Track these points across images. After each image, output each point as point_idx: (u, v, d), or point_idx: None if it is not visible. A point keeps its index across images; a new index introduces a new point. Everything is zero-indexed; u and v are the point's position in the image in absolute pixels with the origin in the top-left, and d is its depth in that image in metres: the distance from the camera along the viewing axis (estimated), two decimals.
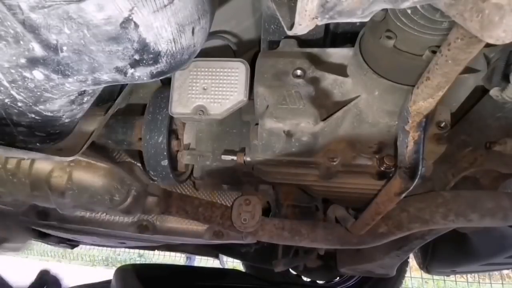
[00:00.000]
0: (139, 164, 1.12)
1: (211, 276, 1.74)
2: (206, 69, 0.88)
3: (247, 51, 1.00)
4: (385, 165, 0.80)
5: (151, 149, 0.94)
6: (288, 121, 0.80)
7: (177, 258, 4.28)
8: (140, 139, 0.95)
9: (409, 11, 0.58)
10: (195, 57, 0.68)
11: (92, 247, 4.16)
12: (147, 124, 0.94)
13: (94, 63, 0.53)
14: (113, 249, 4.78)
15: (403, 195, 0.73)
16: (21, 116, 0.59)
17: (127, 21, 0.48)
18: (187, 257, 4.13)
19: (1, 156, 0.90)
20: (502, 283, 3.48)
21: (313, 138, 0.81)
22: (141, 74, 0.57)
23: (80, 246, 1.90)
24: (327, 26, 0.86)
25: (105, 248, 4.56)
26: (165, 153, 0.94)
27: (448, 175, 0.99)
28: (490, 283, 3.54)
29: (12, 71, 0.52)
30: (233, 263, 3.82)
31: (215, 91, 0.87)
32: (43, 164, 0.91)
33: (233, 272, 1.92)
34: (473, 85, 0.75)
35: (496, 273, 3.48)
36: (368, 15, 0.43)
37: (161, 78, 0.61)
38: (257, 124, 0.83)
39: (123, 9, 0.47)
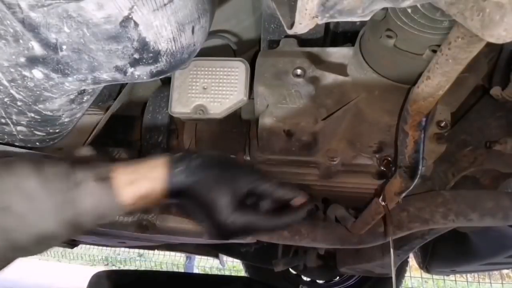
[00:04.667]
0: None
1: (208, 284, 1.53)
2: (206, 69, 0.88)
3: (247, 50, 1.00)
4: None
5: (151, 149, 0.94)
6: (288, 121, 0.80)
7: (177, 258, 4.28)
8: (140, 139, 0.95)
9: (409, 10, 0.58)
10: (195, 56, 0.68)
11: (92, 246, 4.15)
12: (147, 124, 0.94)
13: (93, 62, 0.52)
14: (113, 248, 4.77)
15: (403, 194, 0.73)
16: (21, 115, 0.59)
17: (126, 20, 0.48)
18: (187, 257, 4.13)
19: None
20: (502, 283, 3.48)
21: (313, 137, 0.81)
22: (141, 73, 0.57)
23: (80, 245, 1.89)
24: (327, 25, 0.85)
25: (105, 247, 4.56)
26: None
27: (448, 174, 0.99)
28: (490, 282, 3.54)
29: (12, 70, 0.52)
30: (233, 263, 3.83)
31: (215, 90, 0.87)
32: None
33: (240, 280, 1.65)
34: (473, 84, 0.75)
35: (496, 273, 3.48)
36: (369, 14, 0.43)
37: (161, 77, 0.61)
38: (257, 123, 0.83)
39: (123, 8, 0.47)
